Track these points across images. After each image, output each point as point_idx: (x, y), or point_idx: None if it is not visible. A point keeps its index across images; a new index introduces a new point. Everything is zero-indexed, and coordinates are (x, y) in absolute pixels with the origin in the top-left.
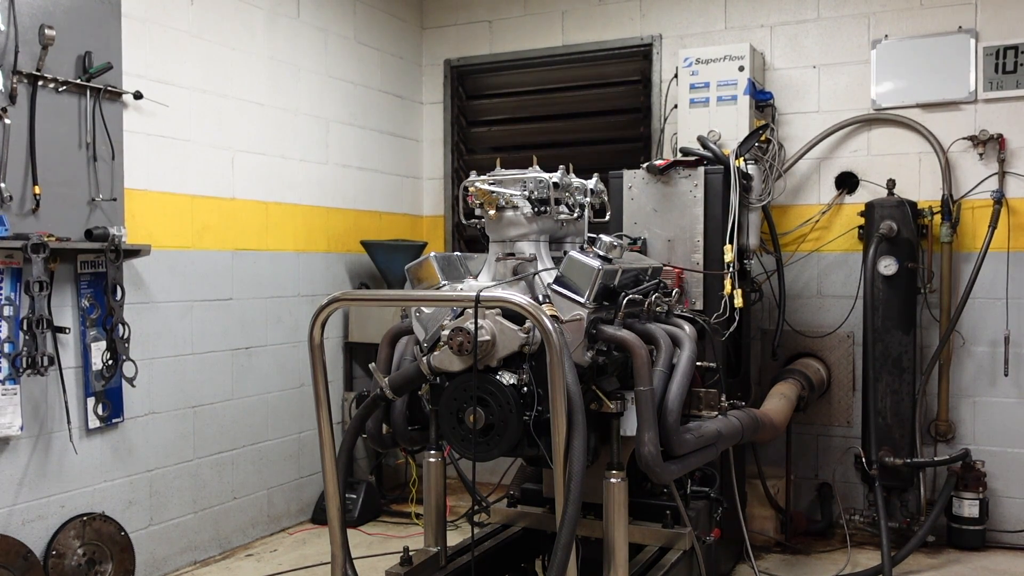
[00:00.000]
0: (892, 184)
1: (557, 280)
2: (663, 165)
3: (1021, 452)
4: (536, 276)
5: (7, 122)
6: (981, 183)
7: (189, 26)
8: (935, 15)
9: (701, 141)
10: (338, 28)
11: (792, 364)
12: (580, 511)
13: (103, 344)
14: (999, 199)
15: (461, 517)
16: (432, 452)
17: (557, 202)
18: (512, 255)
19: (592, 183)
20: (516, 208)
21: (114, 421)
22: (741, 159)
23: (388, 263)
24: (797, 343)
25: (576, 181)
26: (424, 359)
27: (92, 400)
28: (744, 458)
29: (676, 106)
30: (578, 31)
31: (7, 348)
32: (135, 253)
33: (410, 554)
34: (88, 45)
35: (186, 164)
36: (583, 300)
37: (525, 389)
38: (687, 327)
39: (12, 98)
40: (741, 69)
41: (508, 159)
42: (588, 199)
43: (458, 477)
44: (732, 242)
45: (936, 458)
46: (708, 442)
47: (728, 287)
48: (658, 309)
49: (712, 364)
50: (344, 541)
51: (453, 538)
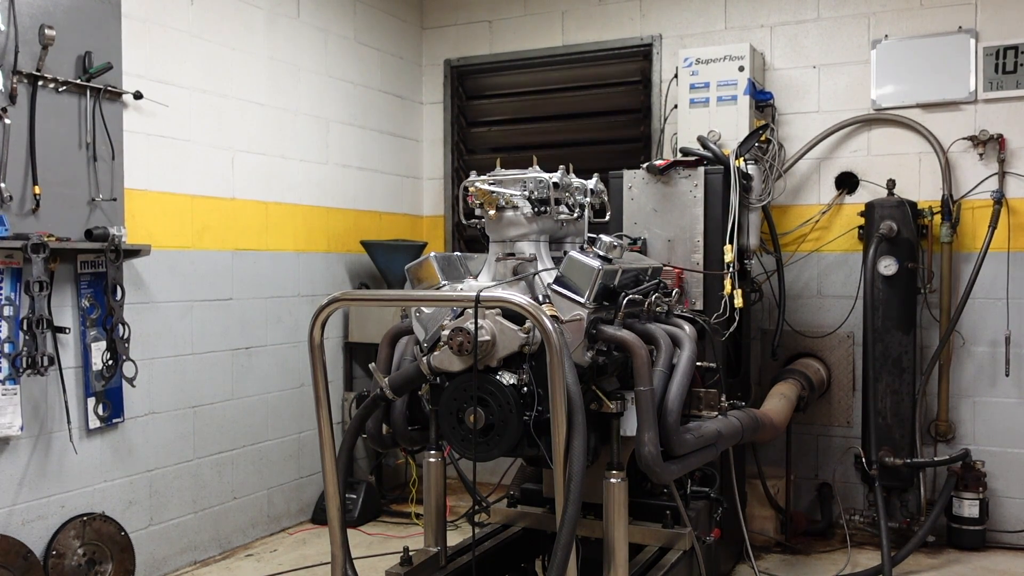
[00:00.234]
0: (892, 184)
1: (557, 280)
2: (663, 165)
3: (1021, 452)
4: (536, 276)
5: (7, 122)
6: (981, 183)
7: (189, 26)
8: (935, 15)
9: (701, 141)
10: (338, 28)
11: (792, 364)
12: (580, 511)
13: (103, 344)
14: (999, 199)
15: (461, 517)
16: (432, 452)
17: (557, 202)
18: (512, 255)
19: (592, 183)
20: (516, 208)
21: (114, 421)
22: (741, 159)
23: (388, 263)
24: (797, 343)
25: (576, 181)
26: (424, 359)
27: (92, 400)
28: (744, 458)
29: (676, 106)
30: (578, 31)
31: (7, 348)
32: (135, 253)
33: (410, 554)
34: (88, 45)
35: (186, 164)
36: (583, 300)
37: (525, 389)
38: (687, 327)
39: (12, 98)
40: (741, 69)
41: (508, 159)
42: (588, 199)
43: (458, 477)
44: (732, 242)
45: (936, 458)
46: (708, 442)
47: (728, 287)
48: (658, 309)
49: (712, 364)
50: (344, 541)
51: (453, 538)
